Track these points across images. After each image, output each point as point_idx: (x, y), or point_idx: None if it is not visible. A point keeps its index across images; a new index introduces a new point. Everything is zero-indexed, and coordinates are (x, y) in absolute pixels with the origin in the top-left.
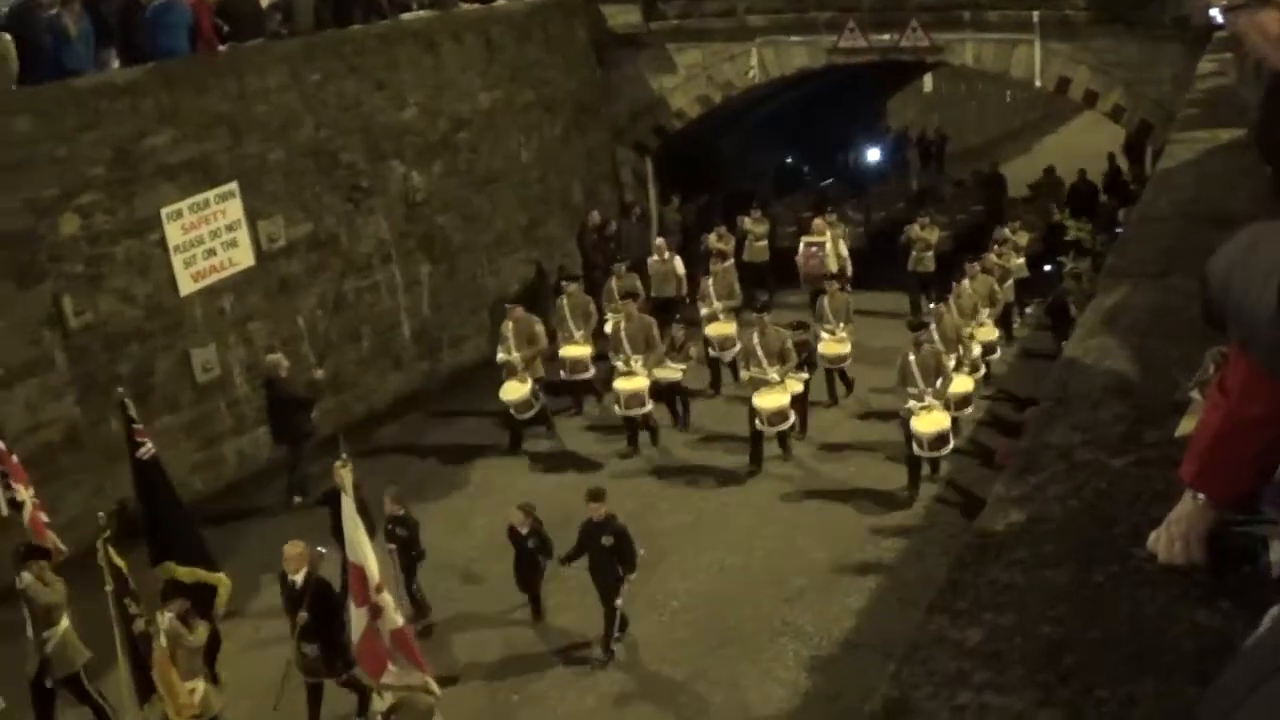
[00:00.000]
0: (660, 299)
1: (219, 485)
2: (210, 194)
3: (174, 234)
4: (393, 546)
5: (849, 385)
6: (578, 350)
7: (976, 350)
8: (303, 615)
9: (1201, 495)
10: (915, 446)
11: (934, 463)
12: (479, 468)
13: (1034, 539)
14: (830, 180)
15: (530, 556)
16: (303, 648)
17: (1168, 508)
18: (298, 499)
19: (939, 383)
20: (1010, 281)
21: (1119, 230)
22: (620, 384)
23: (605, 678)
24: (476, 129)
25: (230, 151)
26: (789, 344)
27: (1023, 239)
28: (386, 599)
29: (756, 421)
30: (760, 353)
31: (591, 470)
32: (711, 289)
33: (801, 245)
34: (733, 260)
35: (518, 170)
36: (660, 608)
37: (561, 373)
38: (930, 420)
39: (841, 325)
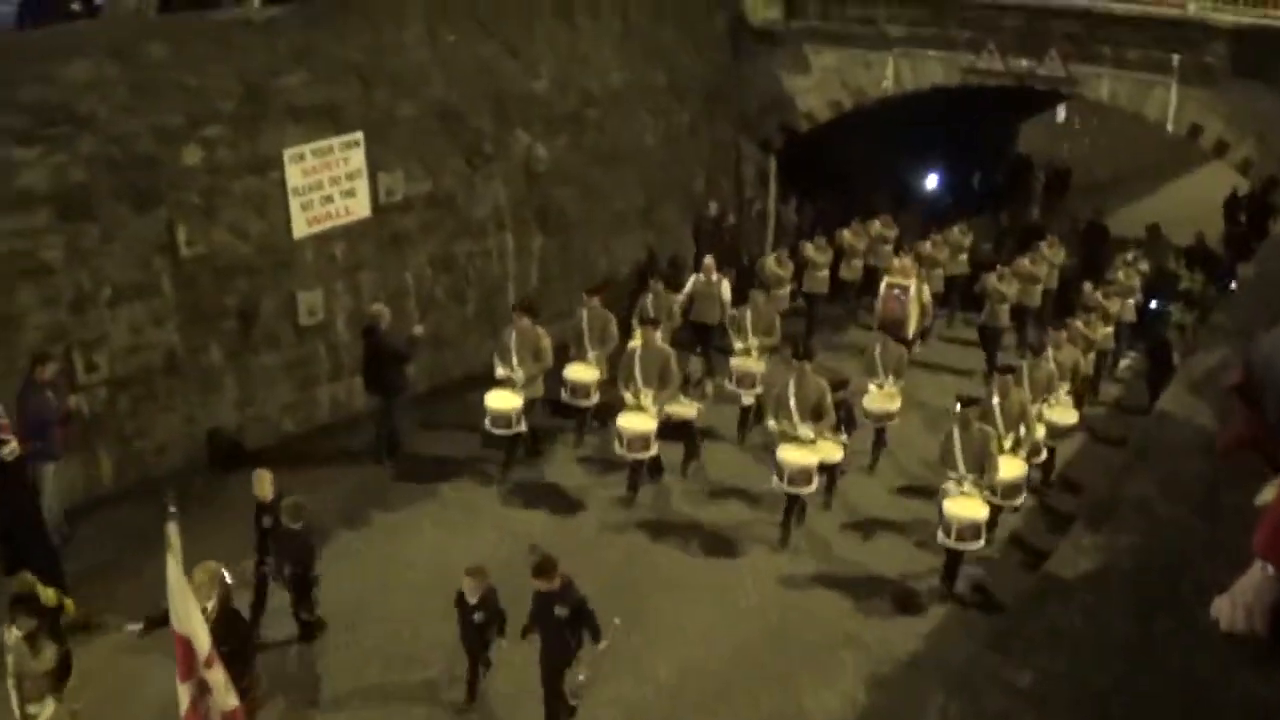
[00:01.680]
0: (699, 324)
1: (309, 427)
2: (335, 141)
3: (294, 176)
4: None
5: (882, 444)
6: (584, 372)
7: (1041, 433)
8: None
9: (1271, 567)
10: (942, 533)
11: (959, 557)
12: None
13: (1099, 587)
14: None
15: (474, 630)
16: None
17: (1237, 574)
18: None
19: (985, 470)
20: (1092, 355)
21: (1232, 286)
22: (625, 422)
23: None
24: (605, 107)
25: (359, 101)
26: (827, 400)
27: (1130, 285)
28: (217, 677)
29: (775, 479)
30: (794, 404)
31: (576, 512)
32: (749, 321)
33: (883, 287)
34: (788, 289)
35: (641, 153)
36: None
37: (563, 393)
38: (965, 505)
39: (891, 379)
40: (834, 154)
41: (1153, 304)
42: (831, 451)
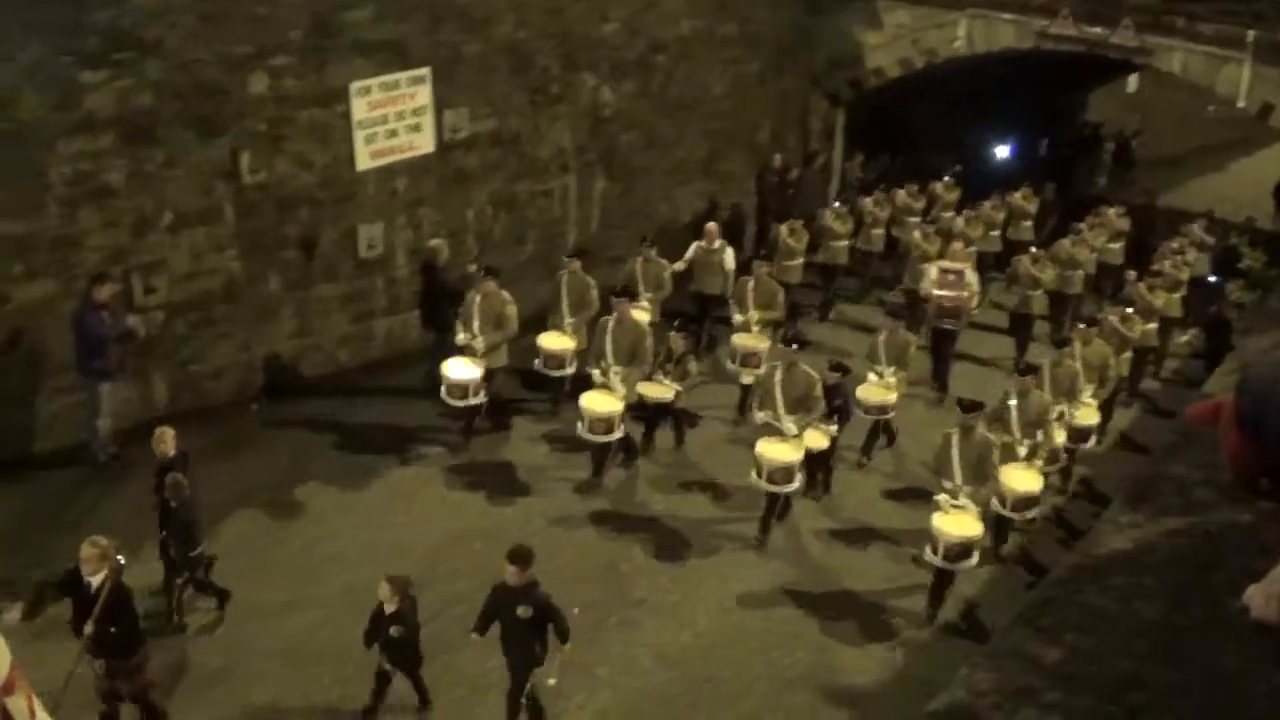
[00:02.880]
0: (699, 294)
1: (364, 360)
2: (402, 76)
3: (360, 109)
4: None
5: (890, 437)
6: (559, 342)
7: (1060, 438)
8: (89, 627)
9: None
10: (929, 549)
11: (947, 577)
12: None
13: (1134, 569)
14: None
15: (394, 645)
16: (92, 664)
17: (1272, 563)
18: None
19: (982, 482)
20: (1129, 355)
21: None
22: (589, 402)
23: None
24: (674, 54)
25: (427, 37)
26: (817, 391)
27: (1176, 278)
28: (19, 704)
29: (754, 474)
30: (779, 394)
31: (527, 499)
32: (750, 294)
33: (934, 271)
34: (800, 260)
35: (708, 102)
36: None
37: (536, 362)
38: (956, 521)
39: (893, 370)
40: (901, 113)
41: (1210, 279)
42: (817, 439)
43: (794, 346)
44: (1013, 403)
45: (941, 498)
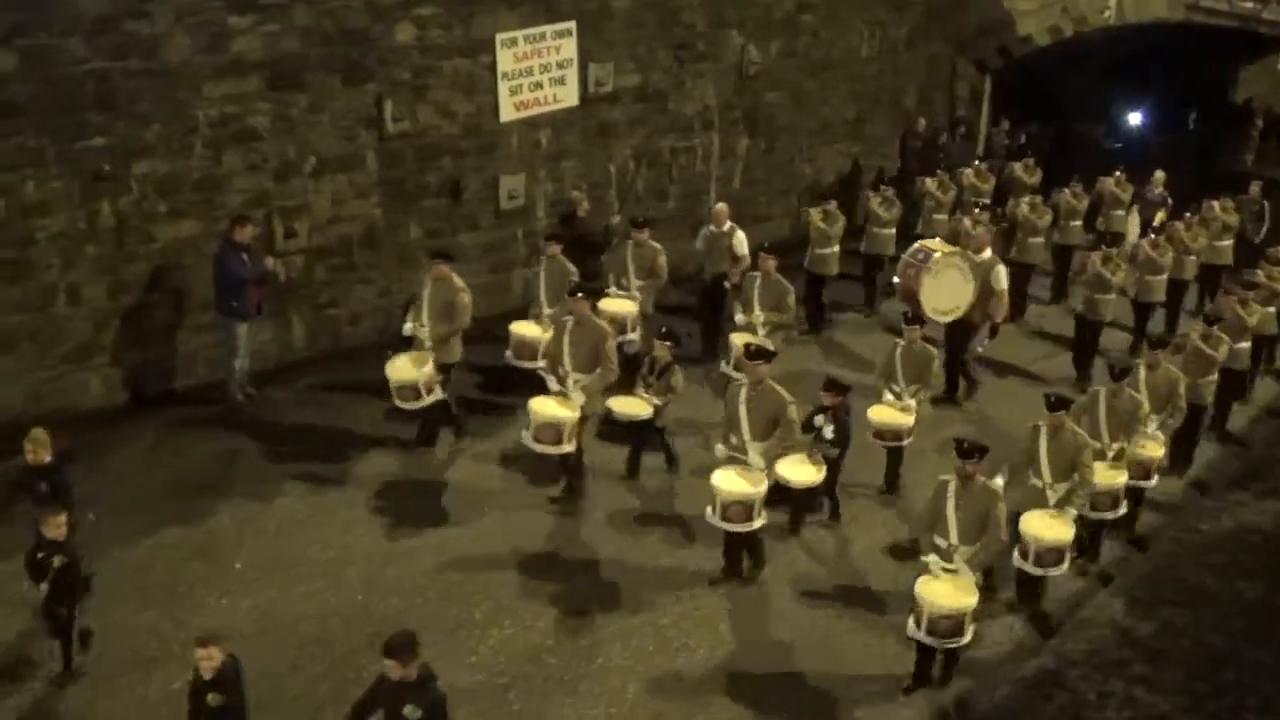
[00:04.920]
0: (712, 280)
1: (500, 310)
2: (548, 29)
3: (505, 60)
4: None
5: (894, 488)
6: (530, 329)
7: (1101, 481)
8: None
9: None
10: (913, 623)
11: (947, 658)
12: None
13: (1235, 547)
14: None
15: (215, 716)
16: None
17: None
18: None
19: (981, 543)
20: (1214, 376)
21: None
22: (538, 406)
23: None
24: (822, 14)
25: None
26: (789, 413)
27: (1276, 290)
28: None
29: (709, 510)
30: (744, 420)
31: (448, 529)
32: (756, 293)
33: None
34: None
35: (855, 63)
36: None
37: (508, 354)
38: (945, 591)
39: (912, 388)
40: (1049, 81)
41: None
42: (801, 472)
43: (758, 360)
44: (1043, 442)
45: (931, 559)
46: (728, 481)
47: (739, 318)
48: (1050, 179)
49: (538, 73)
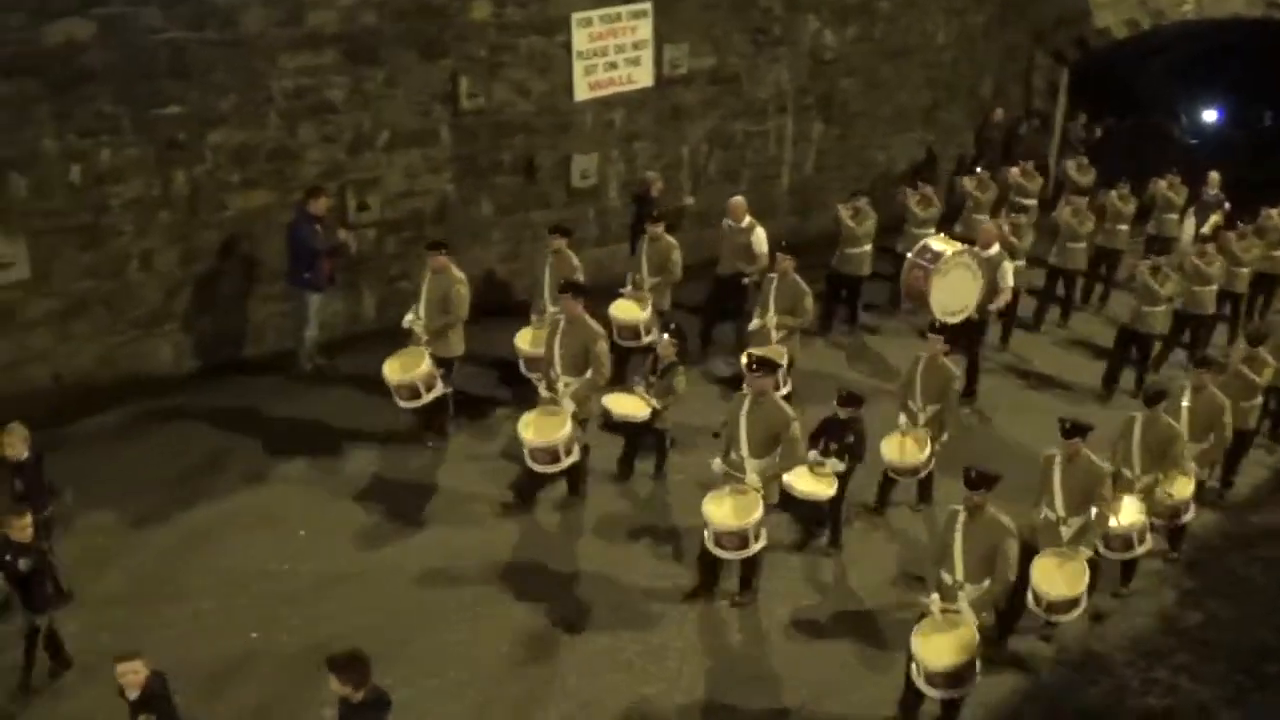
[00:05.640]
0: (724, 276)
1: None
2: (624, 9)
3: (580, 40)
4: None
5: (926, 498)
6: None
7: (1122, 519)
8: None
9: None
10: (914, 670)
11: (946, 707)
12: None
13: None
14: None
15: None
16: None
17: None
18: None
19: (987, 583)
20: (1258, 400)
21: None
22: (527, 431)
23: None
24: (898, 0)
25: None
26: (793, 431)
27: None
28: None
29: (705, 537)
30: (743, 435)
31: (420, 538)
32: (772, 294)
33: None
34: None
35: (931, 50)
36: None
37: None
38: (942, 647)
39: (930, 408)
40: (1126, 75)
41: None
42: (809, 482)
43: (762, 372)
44: (1057, 474)
45: (933, 599)
46: (719, 513)
47: (755, 321)
48: (1128, 175)
49: (613, 53)
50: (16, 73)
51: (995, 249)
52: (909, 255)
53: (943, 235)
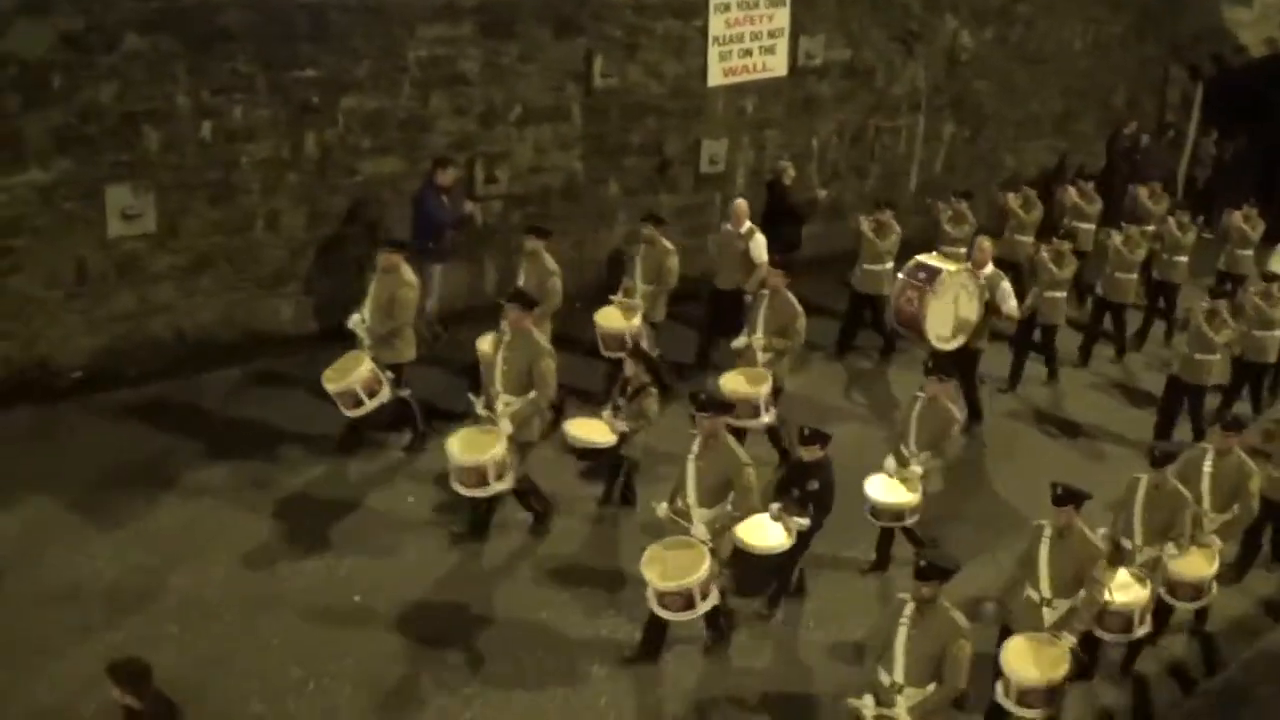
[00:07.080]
0: (724, 291)
1: (695, 271)
2: None
3: (717, 25)
4: None
5: (917, 542)
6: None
7: (1120, 596)
8: None
9: None
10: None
11: None
12: None
13: None
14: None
15: None
16: None
17: None
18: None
19: (931, 690)
20: None
21: None
22: (454, 446)
23: None
24: (1038, 5)
25: None
26: (746, 478)
27: None
28: None
29: (648, 595)
30: (691, 481)
31: (354, 560)
32: (761, 313)
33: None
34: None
35: (1067, 58)
36: None
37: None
38: None
39: (924, 454)
40: (1264, 94)
41: None
42: (761, 534)
43: (710, 413)
44: (1043, 547)
45: (865, 701)
46: (658, 571)
47: (740, 339)
48: (1261, 194)
49: (748, 40)
50: (154, 28)
51: (989, 269)
52: (899, 275)
53: (936, 253)
